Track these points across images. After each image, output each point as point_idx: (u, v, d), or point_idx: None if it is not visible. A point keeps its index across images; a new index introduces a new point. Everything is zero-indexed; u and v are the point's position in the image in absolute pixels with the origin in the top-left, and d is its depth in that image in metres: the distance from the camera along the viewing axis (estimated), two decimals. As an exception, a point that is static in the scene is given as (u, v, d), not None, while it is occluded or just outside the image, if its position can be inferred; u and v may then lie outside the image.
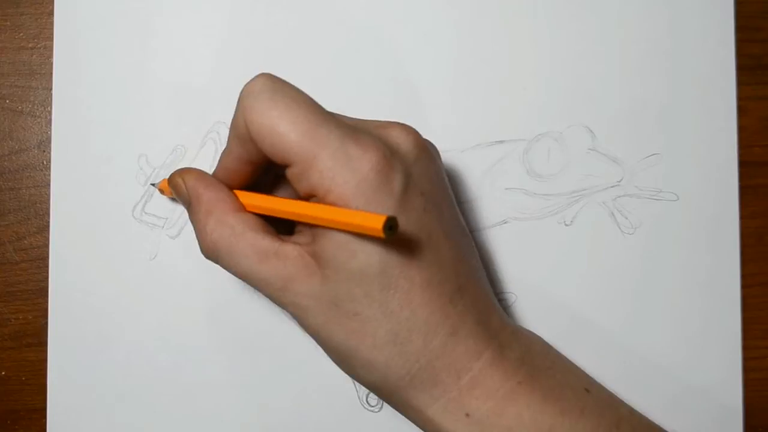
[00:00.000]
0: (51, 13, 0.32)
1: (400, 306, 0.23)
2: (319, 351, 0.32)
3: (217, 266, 0.32)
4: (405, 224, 0.23)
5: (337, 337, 0.24)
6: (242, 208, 0.25)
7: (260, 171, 0.26)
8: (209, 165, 0.32)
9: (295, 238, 0.25)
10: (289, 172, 0.24)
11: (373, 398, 0.32)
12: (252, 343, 0.32)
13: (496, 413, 0.23)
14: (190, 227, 0.32)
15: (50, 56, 0.32)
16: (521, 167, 0.33)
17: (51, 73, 0.32)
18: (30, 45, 0.32)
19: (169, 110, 0.32)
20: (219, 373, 0.32)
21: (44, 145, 0.32)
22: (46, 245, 0.32)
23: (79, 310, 0.32)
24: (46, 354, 0.31)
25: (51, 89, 0.32)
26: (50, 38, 0.32)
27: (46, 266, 0.32)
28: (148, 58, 0.32)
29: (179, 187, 0.27)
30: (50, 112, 0.32)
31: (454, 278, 0.24)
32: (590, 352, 0.32)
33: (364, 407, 0.32)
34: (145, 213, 0.32)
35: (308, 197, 0.24)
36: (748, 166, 0.33)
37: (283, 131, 0.23)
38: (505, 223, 0.32)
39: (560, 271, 0.32)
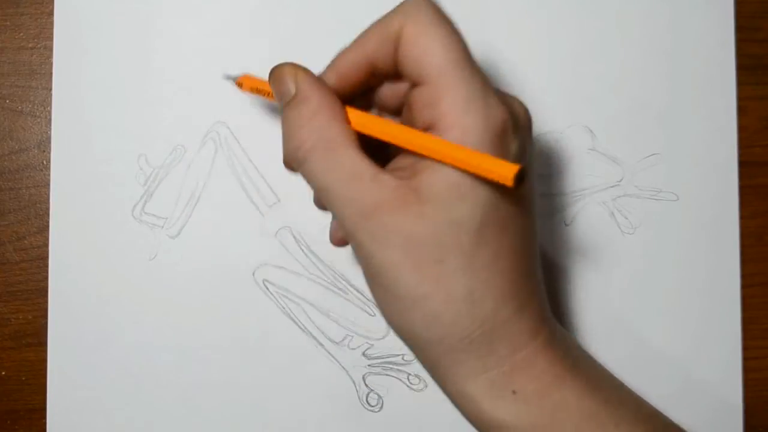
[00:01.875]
0: (51, 13, 0.32)
1: (484, 265, 0.22)
2: (320, 351, 0.32)
3: (216, 267, 0.32)
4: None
5: (408, 280, 0.22)
6: (349, 121, 0.24)
7: (368, 84, 0.25)
8: (209, 165, 0.32)
9: (393, 172, 0.23)
10: (417, 94, 0.23)
11: (374, 398, 0.32)
12: (252, 343, 0.32)
13: (542, 394, 0.23)
14: (190, 227, 0.32)
15: (50, 56, 0.32)
16: (521, 167, 0.33)
17: (51, 73, 0.32)
18: (30, 45, 0.32)
19: (169, 110, 0.32)
20: (219, 373, 0.32)
21: (44, 145, 0.32)
22: (46, 245, 0.32)
23: (79, 310, 0.32)
24: (46, 354, 0.31)
25: (51, 89, 0.32)
26: (50, 38, 0.32)
27: (46, 266, 0.32)
28: (147, 58, 0.32)
29: (285, 78, 0.25)
30: (50, 112, 0.32)
31: (533, 256, 0.24)
32: (590, 353, 0.32)
33: (364, 407, 0.32)
34: (145, 213, 0.32)
35: (425, 129, 0.23)
36: (748, 166, 0.33)
37: (436, 49, 0.22)
38: (505, 223, 0.32)
39: (560, 271, 0.32)
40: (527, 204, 0.24)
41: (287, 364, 0.32)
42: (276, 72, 0.25)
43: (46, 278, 0.32)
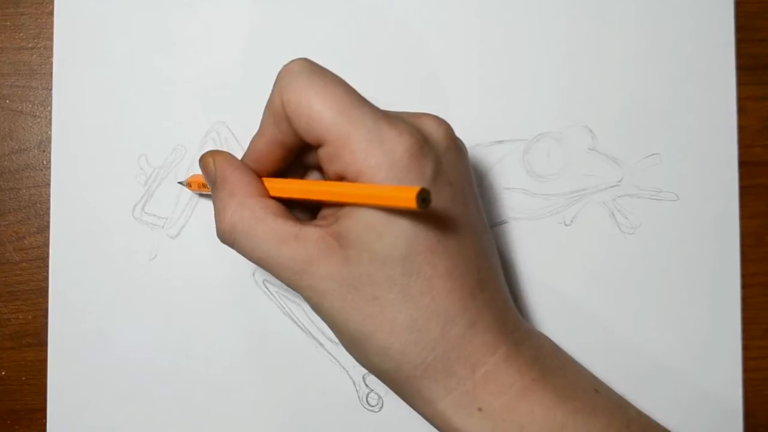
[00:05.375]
0: (51, 13, 0.32)
1: (420, 292, 0.23)
2: (320, 351, 0.32)
3: (216, 267, 0.32)
4: (433, 209, 0.23)
5: (353, 321, 0.23)
6: (266, 193, 0.25)
7: (289, 158, 0.26)
8: (209, 165, 0.32)
9: (317, 222, 0.25)
10: (322, 152, 0.24)
11: (374, 398, 0.32)
12: (252, 343, 0.32)
13: (509, 409, 0.23)
14: (190, 227, 0.32)
15: (50, 56, 0.32)
16: (521, 167, 0.33)
17: (51, 73, 0.32)
18: (30, 45, 0.32)
19: (169, 110, 0.32)
20: (219, 373, 0.32)
21: (44, 145, 0.32)
22: (46, 245, 0.32)
23: (79, 310, 0.32)
24: (46, 354, 0.31)
25: (51, 89, 0.32)
26: (50, 38, 0.32)
27: (46, 266, 0.32)
28: (148, 58, 0.32)
29: (208, 166, 0.27)
30: (50, 112, 0.32)
31: (475, 271, 0.24)
32: (590, 352, 0.32)
33: (364, 407, 0.32)
34: (145, 213, 0.32)
35: (338, 179, 0.24)
36: (748, 166, 0.33)
37: (319, 110, 0.23)
38: (505, 223, 0.32)
39: (560, 271, 0.32)
40: (461, 221, 0.24)
41: (287, 364, 0.32)
42: (201, 160, 0.27)
43: (46, 278, 0.32)
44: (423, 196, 0.20)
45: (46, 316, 0.32)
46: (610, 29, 0.33)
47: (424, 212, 0.22)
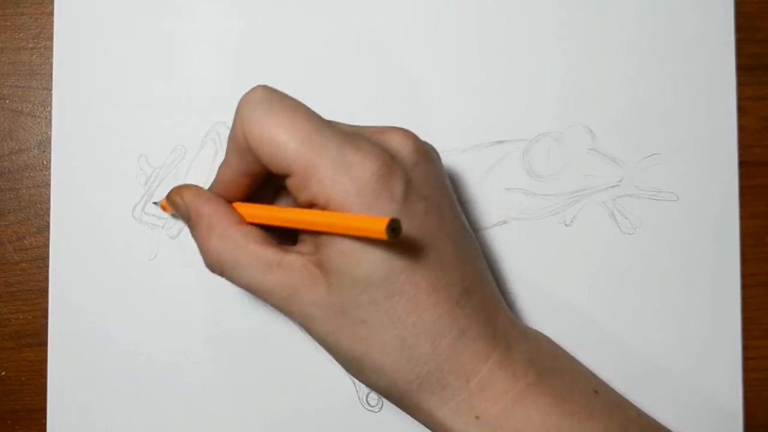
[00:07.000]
0: (51, 13, 0.32)
1: (406, 311, 0.23)
2: (319, 351, 0.32)
3: (217, 266, 0.32)
4: (408, 229, 0.23)
5: (344, 344, 0.24)
6: (243, 220, 0.26)
7: (258, 183, 0.26)
8: (209, 165, 0.32)
9: (298, 248, 0.25)
10: (290, 182, 0.24)
11: (373, 398, 0.32)
12: (252, 343, 0.32)
13: (506, 415, 0.23)
14: (190, 227, 0.32)
15: (50, 56, 0.32)
16: (521, 167, 0.33)
17: (51, 73, 0.32)
18: (30, 45, 0.32)
19: (169, 110, 0.32)
20: (219, 373, 0.32)
21: (44, 145, 0.32)
22: (46, 245, 0.32)
23: (79, 310, 0.32)
24: (46, 354, 0.31)
25: (51, 89, 0.32)
26: (50, 38, 0.32)
27: (46, 266, 0.32)
28: (148, 58, 0.32)
29: (178, 204, 0.27)
30: (50, 112, 0.32)
31: (459, 281, 0.24)
32: (590, 353, 0.32)
33: (364, 407, 0.32)
34: (145, 213, 0.32)
35: (310, 207, 0.24)
36: (748, 166, 0.33)
37: (282, 140, 0.23)
38: (505, 223, 0.32)
39: (560, 271, 0.32)
40: (439, 234, 0.24)
41: (287, 365, 0.32)
42: (168, 199, 0.27)
43: (46, 278, 0.32)
44: (393, 226, 0.20)
45: (46, 316, 0.32)
46: (610, 29, 0.33)
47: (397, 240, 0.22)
